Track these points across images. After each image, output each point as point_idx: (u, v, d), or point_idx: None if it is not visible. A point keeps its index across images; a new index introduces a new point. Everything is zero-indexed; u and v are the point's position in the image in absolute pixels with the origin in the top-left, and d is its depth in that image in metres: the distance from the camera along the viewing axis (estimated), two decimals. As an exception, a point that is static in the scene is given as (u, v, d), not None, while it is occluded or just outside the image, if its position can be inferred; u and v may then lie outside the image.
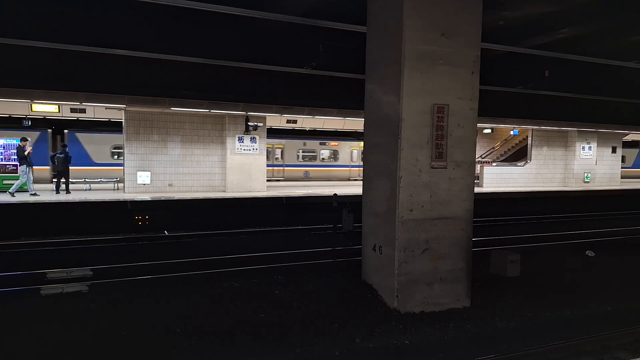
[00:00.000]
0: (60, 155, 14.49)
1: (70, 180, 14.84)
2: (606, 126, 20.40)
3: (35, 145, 16.81)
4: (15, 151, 14.35)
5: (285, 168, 24.29)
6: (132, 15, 9.63)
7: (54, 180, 15.14)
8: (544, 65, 12.62)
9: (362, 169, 7.58)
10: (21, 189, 13.87)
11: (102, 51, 10.39)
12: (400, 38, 6.15)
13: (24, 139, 14.13)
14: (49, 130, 19.42)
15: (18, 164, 14.20)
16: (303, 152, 24.74)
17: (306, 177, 24.25)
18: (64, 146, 15.56)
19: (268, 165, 19.15)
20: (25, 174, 13.73)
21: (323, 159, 25.32)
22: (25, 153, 13.76)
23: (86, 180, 16.43)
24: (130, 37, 9.99)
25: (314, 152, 24.99)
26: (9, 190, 13.62)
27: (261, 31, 10.38)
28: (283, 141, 24.20)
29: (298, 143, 24.59)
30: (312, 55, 11.01)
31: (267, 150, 17.20)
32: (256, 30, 10.33)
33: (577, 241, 11.45)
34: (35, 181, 15.08)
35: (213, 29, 10.29)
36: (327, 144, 25.41)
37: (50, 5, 9.19)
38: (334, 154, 25.42)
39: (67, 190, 14.56)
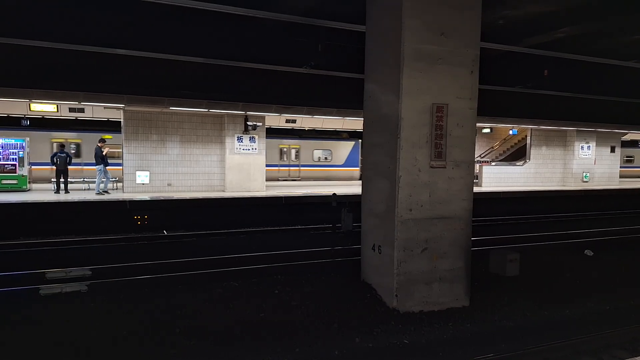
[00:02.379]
0: (62, 155, 14.55)
1: (69, 180, 14.87)
2: (605, 126, 20.40)
3: (351, 152, 24.57)
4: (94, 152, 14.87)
5: None
6: (132, 15, 9.61)
7: (52, 179, 15.21)
8: (543, 64, 12.61)
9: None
10: (13, 188, 14.31)
11: (101, 51, 10.38)
12: (399, 37, 6.15)
13: (102, 140, 14.84)
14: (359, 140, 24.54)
15: (96, 164, 14.73)
16: None
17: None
18: (63, 146, 15.59)
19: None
20: (102, 172, 14.51)
21: None
22: (103, 153, 14.49)
23: (85, 180, 16.42)
24: (129, 37, 9.98)
25: None
26: (99, 191, 14.47)
27: (260, 30, 10.36)
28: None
29: None
30: (311, 54, 11.00)
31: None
32: (255, 29, 10.31)
33: (576, 240, 11.45)
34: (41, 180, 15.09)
35: (212, 28, 10.27)
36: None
37: (50, 5, 9.18)
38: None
39: (67, 190, 14.58)
